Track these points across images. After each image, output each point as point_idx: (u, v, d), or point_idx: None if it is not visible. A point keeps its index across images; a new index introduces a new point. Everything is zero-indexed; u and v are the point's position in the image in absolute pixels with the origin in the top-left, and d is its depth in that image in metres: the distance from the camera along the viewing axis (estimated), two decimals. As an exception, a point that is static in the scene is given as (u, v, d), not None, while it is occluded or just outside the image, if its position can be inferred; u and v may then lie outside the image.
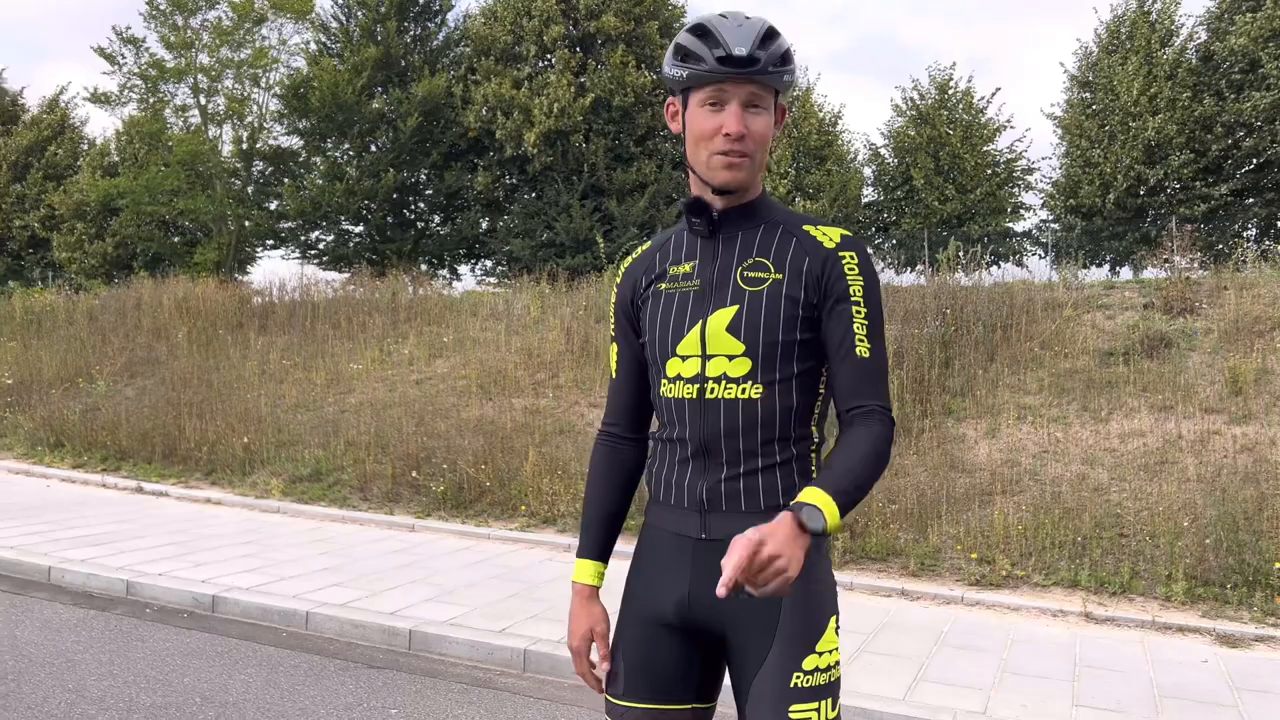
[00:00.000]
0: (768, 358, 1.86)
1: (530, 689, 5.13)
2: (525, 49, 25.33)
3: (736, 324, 1.88)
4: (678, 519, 1.96)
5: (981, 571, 6.98)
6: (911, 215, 25.65)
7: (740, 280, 1.91)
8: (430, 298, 15.46)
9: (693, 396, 1.91)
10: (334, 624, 5.93)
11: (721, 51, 1.82)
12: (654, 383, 2.02)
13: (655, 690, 1.96)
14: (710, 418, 1.89)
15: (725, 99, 1.84)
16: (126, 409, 12.11)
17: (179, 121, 26.00)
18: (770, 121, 1.89)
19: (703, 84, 1.85)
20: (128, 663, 5.20)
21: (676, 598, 1.94)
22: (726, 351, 1.88)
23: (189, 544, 7.76)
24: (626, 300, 2.09)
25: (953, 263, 12.36)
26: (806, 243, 1.91)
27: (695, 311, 1.93)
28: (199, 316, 15.21)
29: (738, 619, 1.88)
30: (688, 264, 1.98)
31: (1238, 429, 8.25)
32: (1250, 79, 21.88)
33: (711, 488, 1.90)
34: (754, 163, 1.88)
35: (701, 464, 1.91)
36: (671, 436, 1.97)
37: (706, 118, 1.86)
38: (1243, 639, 5.92)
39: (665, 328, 1.96)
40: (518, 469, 9.16)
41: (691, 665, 1.97)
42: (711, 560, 1.90)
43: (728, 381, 1.88)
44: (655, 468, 2.03)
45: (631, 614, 2.02)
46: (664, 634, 1.96)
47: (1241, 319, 9.75)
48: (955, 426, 9.15)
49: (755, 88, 1.85)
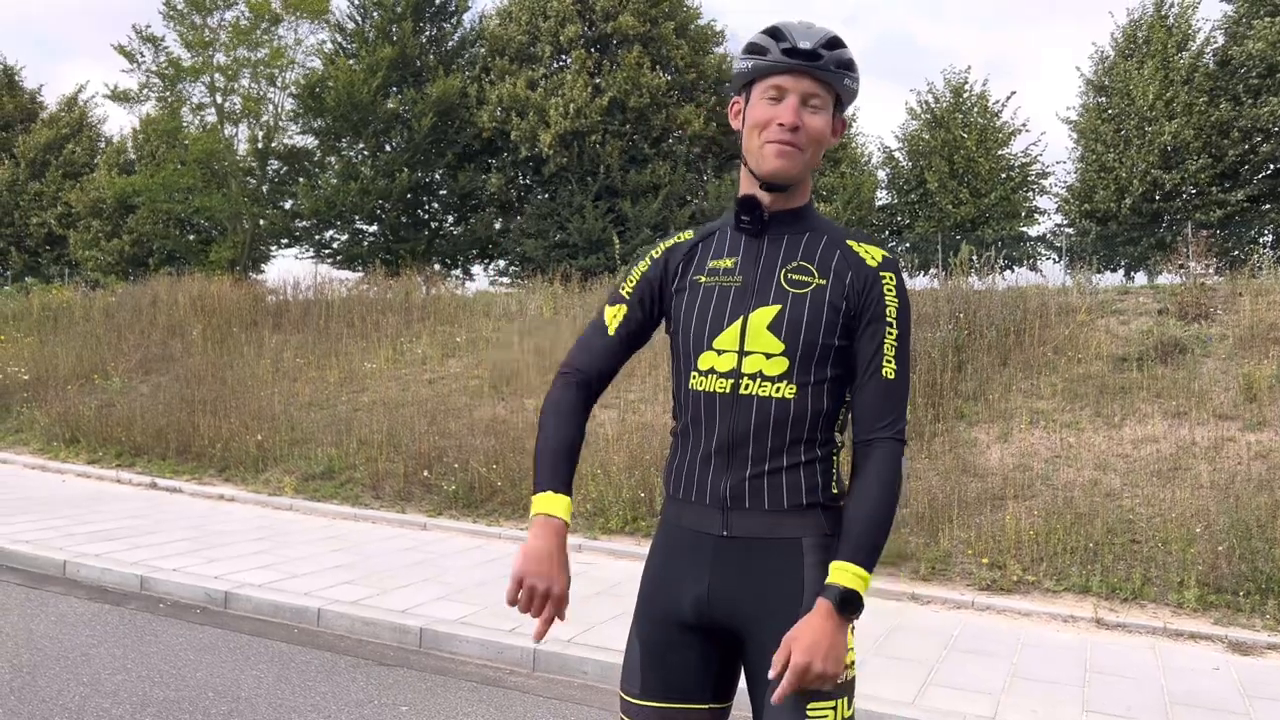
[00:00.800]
0: (805, 359, 1.89)
1: (540, 688, 5.14)
2: (541, 49, 25.38)
3: (778, 323, 1.90)
4: (698, 515, 1.95)
5: (992, 576, 6.96)
6: (925, 218, 25.60)
7: (784, 281, 1.93)
8: (443, 297, 15.53)
9: (725, 391, 1.91)
10: (345, 621, 5.96)
11: (788, 44, 1.89)
12: (680, 374, 2.01)
13: (671, 689, 1.96)
14: (741, 414, 1.90)
15: (784, 92, 1.90)
16: (141, 405, 12.20)
17: (196, 120, 26.19)
18: (827, 121, 1.94)
19: (766, 75, 1.92)
20: (141, 657, 5.24)
21: (695, 595, 1.93)
22: (765, 349, 1.90)
23: (202, 540, 7.81)
24: (658, 278, 2.07)
25: (966, 267, 12.33)
26: (850, 257, 1.95)
27: (736, 307, 1.94)
28: (214, 314, 15.31)
29: (758, 618, 1.88)
30: (730, 259, 1.99)
31: (1252, 436, 8.21)
32: (1268, 84, 21.74)
33: (735, 485, 1.91)
34: (805, 158, 1.92)
35: (725, 460, 1.92)
36: (698, 431, 1.96)
37: (765, 108, 1.91)
38: (1255, 646, 5.89)
39: (703, 320, 1.96)
40: (529, 469, 9.18)
41: (709, 664, 1.96)
42: (732, 557, 1.91)
43: (763, 379, 1.89)
44: (674, 463, 2.02)
45: (648, 611, 2.01)
46: (681, 633, 1.96)
47: (1257, 325, 9.70)
48: (967, 430, 9.13)
49: (815, 84, 1.90)
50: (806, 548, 1.89)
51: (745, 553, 1.90)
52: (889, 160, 27.53)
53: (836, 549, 1.84)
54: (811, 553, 1.89)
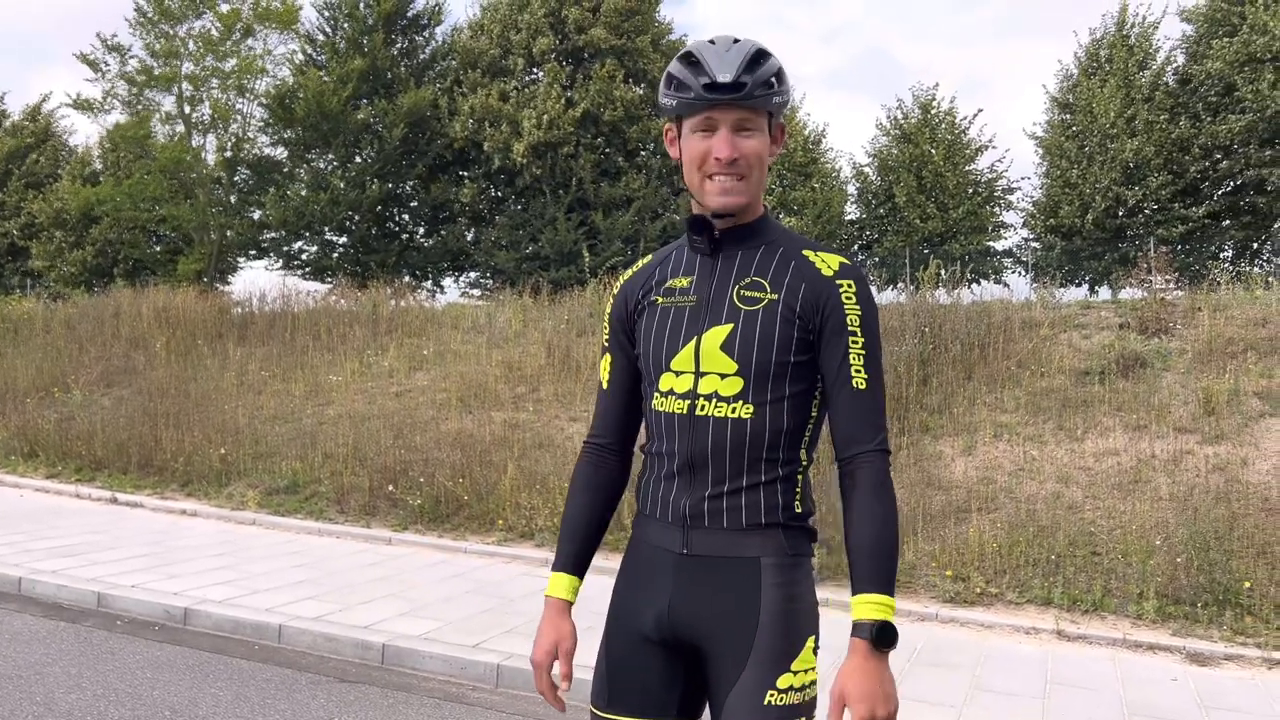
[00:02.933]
0: (760, 378, 1.87)
1: (503, 704, 5.11)
2: (513, 62, 25.36)
3: (730, 342, 1.88)
4: (661, 533, 1.96)
5: (956, 589, 7.01)
6: (894, 233, 25.82)
7: (736, 299, 1.91)
8: (412, 310, 15.45)
9: (683, 412, 1.90)
10: (307, 637, 5.90)
11: (707, 79, 1.84)
12: (646, 395, 2.02)
13: (639, 704, 1.96)
14: (699, 435, 1.89)
15: (715, 124, 1.87)
16: (102, 419, 12.02)
17: (164, 128, 25.88)
18: (764, 142, 1.90)
19: (692, 112, 1.88)
20: (97, 675, 5.15)
21: (656, 612, 1.94)
22: (719, 370, 1.88)
23: (163, 556, 7.71)
24: (623, 312, 2.08)
25: (933, 281, 12.45)
26: (805, 269, 1.92)
27: (690, 327, 1.93)
28: (178, 326, 15.14)
29: (715, 635, 1.88)
30: (685, 279, 1.99)
31: (1210, 449, 8.34)
32: (1226, 102, 22.18)
33: (695, 504, 1.90)
34: (750, 184, 1.90)
35: (688, 479, 1.91)
36: (660, 450, 1.97)
37: (698, 143, 1.89)
38: (1212, 657, 5.97)
39: (660, 341, 1.96)
40: (496, 483, 9.14)
41: (675, 680, 1.96)
42: (692, 575, 1.91)
43: (719, 400, 1.88)
44: (643, 480, 2.04)
45: (616, 626, 2.02)
46: (646, 648, 1.96)
47: (1215, 340, 9.86)
48: (933, 444, 9.20)
49: (744, 112, 1.86)
50: (765, 567, 1.88)
51: (704, 570, 1.90)
52: (858, 175, 27.77)
53: (854, 581, 1.84)
54: (770, 572, 1.88)
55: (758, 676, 1.83)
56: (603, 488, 2.12)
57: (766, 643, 1.84)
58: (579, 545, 2.10)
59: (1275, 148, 21.45)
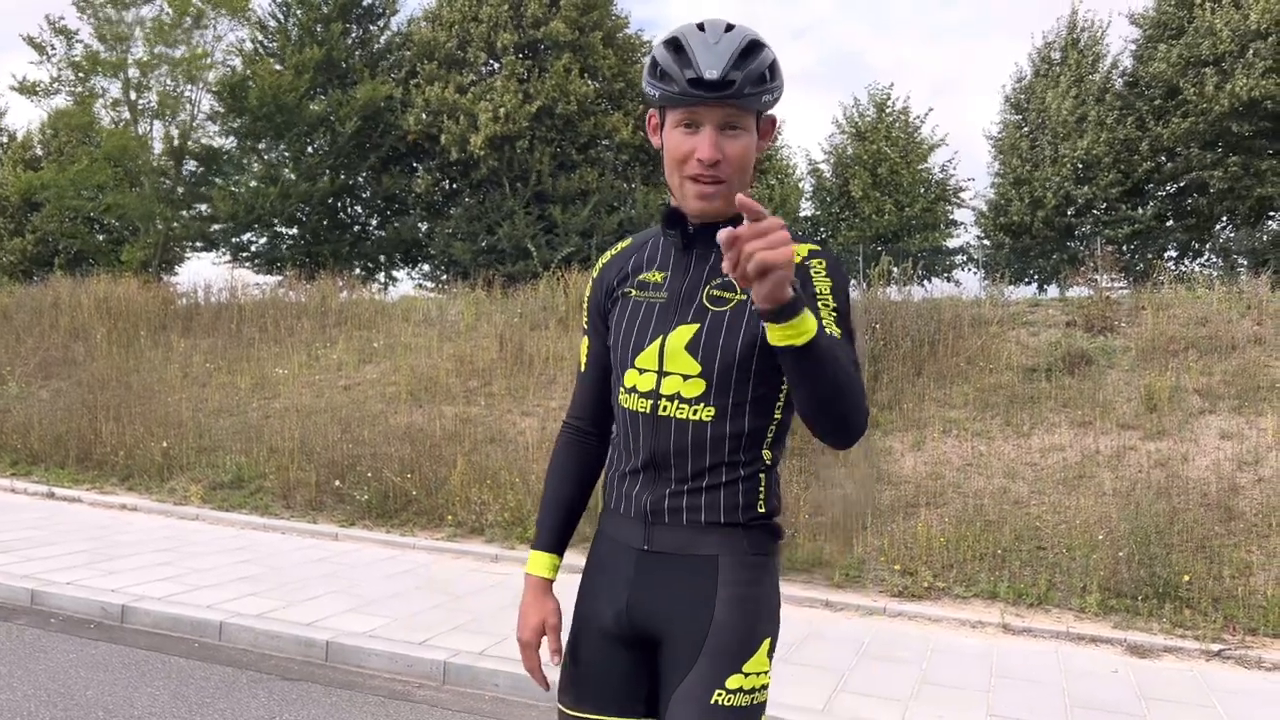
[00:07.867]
0: (723, 381, 1.82)
1: (450, 701, 5.04)
2: (473, 54, 25.11)
3: (695, 343, 1.83)
4: (623, 527, 1.95)
5: (904, 583, 7.06)
6: (849, 228, 26.05)
7: (706, 299, 1.85)
8: (362, 302, 15.23)
9: (646, 411, 1.87)
10: (248, 635, 5.77)
11: (693, 73, 1.73)
12: (613, 388, 1.98)
13: (605, 700, 1.94)
14: (661, 435, 1.86)
15: (699, 121, 1.76)
16: (39, 411, 11.69)
17: (110, 115, 25.24)
18: (750, 143, 1.80)
19: (676, 105, 1.78)
20: (28, 675, 4.99)
21: (616, 608, 1.92)
22: (683, 370, 1.84)
23: (101, 551, 7.50)
24: (599, 297, 2.04)
25: (885, 278, 12.55)
26: None
27: (658, 325, 1.88)
28: (120, 317, 14.77)
29: (671, 631, 1.86)
30: (659, 273, 1.93)
31: (1152, 445, 8.49)
32: (1170, 105, 22.66)
33: (656, 501, 1.88)
34: (730, 188, 1.79)
35: (651, 476, 1.89)
36: (624, 446, 1.95)
37: (681, 139, 1.79)
38: (1152, 649, 6.08)
39: (628, 337, 1.92)
40: (445, 478, 9.04)
41: (638, 675, 1.94)
42: (651, 571, 1.89)
43: (681, 401, 1.84)
44: (609, 474, 2.02)
45: (581, 623, 2.01)
46: (611, 644, 1.95)
47: (1158, 338, 10.05)
48: (882, 439, 9.27)
49: (731, 109, 1.76)
50: (723, 565, 1.85)
51: (663, 567, 1.88)
52: (814, 172, 27.97)
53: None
54: (728, 570, 1.85)
55: (707, 674, 1.80)
56: (581, 466, 2.11)
57: (719, 641, 1.81)
58: (558, 523, 2.09)
59: (1216, 151, 21.96)
